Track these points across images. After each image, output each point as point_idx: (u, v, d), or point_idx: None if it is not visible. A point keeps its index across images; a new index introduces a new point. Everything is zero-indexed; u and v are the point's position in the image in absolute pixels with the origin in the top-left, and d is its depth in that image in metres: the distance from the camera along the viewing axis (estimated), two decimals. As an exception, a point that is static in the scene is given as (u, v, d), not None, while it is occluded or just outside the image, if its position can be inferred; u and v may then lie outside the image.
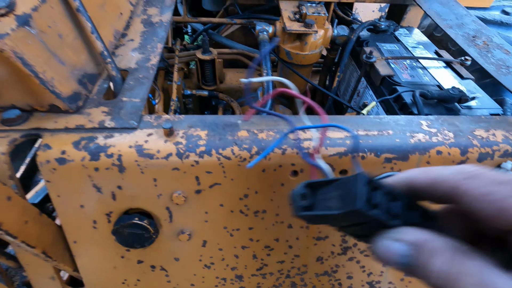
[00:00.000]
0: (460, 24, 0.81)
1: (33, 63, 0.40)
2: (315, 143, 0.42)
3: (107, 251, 0.49)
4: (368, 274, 0.59)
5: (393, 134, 0.47)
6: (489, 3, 1.19)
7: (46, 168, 0.40)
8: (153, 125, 0.45)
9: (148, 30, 0.67)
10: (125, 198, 0.44)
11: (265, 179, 0.45)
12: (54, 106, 0.44)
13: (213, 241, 0.50)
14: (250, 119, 0.47)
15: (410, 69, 0.85)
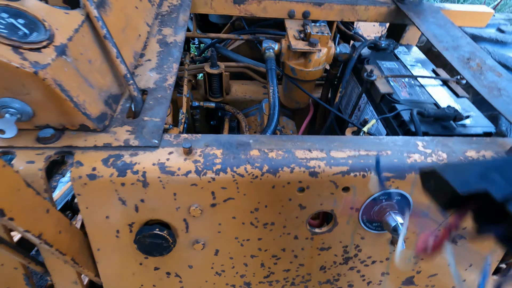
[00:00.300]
0: (456, 46, 0.86)
1: (69, 89, 0.44)
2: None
3: (127, 258, 0.53)
4: (368, 283, 0.63)
5: (391, 154, 0.51)
6: (484, 23, 1.24)
7: (78, 183, 0.45)
8: (173, 143, 0.49)
9: (163, 50, 0.72)
10: (146, 210, 0.48)
11: (274, 194, 0.49)
12: (84, 125, 0.48)
13: (224, 250, 0.55)
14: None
15: (408, 87, 0.90)
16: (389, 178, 0.49)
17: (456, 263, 0.27)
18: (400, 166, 0.50)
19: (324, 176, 0.48)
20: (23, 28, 0.42)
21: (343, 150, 0.51)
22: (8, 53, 0.39)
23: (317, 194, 0.50)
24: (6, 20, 0.41)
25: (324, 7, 1.03)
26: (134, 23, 0.69)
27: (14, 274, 0.53)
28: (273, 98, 0.83)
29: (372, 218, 0.53)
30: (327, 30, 0.96)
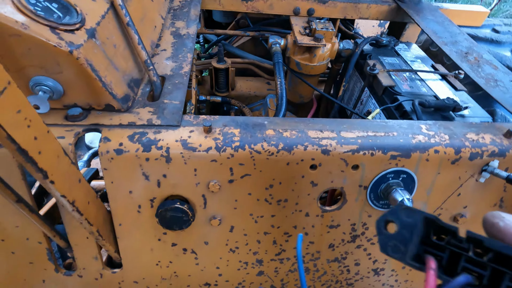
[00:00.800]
0: (454, 42, 0.90)
1: (98, 69, 0.47)
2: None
3: (146, 234, 0.56)
4: (374, 262, 0.66)
5: (397, 135, 0.55)
6: (480, 23, 1.30)
7: (105, 158, 0.47)
8: (193, 123, 0.52)
9: (177, 41, 0.75)
10: (168, 186, 0.51)
11: (288, 171, 0.52)
12: (109, 105, 0.51)
13: (239, 227, 0.57)
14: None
15: (409, 80, 0.94)
16: (396, 157, 0.53)
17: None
18: (406, 145, 0.53)
19: (335, 154, 0.51)
20: (57, 11, 0.45)
21: (352, 131, 0.54)
22: (47, 33, 0.42)
23: (328, 172, 0.53)
24: (42, 3, 0.44)
25: (328, 5, 1.07)
26: (150, 15, 0.73)
27: (38, 248, 0.55)
28: (281, 89, 0.87)
29: (379, 196, 0.56)
30: (331, 26, 1.00)
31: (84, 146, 1.23)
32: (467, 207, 0.61)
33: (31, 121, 0.33)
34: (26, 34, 0.40)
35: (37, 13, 0.42)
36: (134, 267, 0.60)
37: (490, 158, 0.55)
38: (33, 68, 0.44)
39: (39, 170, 0.34)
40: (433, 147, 0.54)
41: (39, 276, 0.59)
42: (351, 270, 0.67)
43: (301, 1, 1.06)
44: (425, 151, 0.53)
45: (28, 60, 0.43)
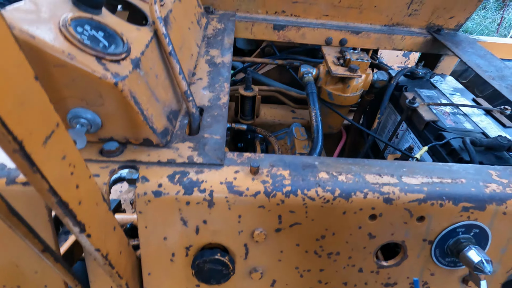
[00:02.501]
0: (502, 76, 0.85)
1: (140, 101, 0.43)
2: None
3: (178, 285, 0.49)
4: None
5: (467, 182, 0.48)
6: (518, 56, 1.25)
7: (142, 200, 0.42)
8: (237, 162, 0.47)
9: (213, 70, 0.72)
10: (207, 233, 0.45)
11: (344, 221, 0.45)
12: (147, 140, 0.47)
13: (282, 281, 0.50)
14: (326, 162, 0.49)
15: (451, 115, 0.88)
16: (468, 209, 0.46)
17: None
18: (479, 195, 0.46)
19: (399, 204, 0.45)
20: (103, 40, 0.42)
21: (415, 176, 0.48)
22: (93, 63, 0.38)
23: (389, 223, 0.46)
24: (89, 32, 0.41)
25: (362, 36, 1.05)
26: (188, 43, 0.70)
27: (56, 297, 0.49)
28: (316, 122, 0.82)
29: (446, 252, 0.49)
30: (366, 57, 0.97)
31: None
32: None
33: (75, 167, 0.28)
34: (72, 64, 0.37)
35: (83, 42, 0.39)
36: (160, 322, 0.53)
37: None
38: (73, 99, 0.40)
39: (76, 224, 0.29)
40: (511, 198, 0.47)
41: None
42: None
43: (334, 31, 1.04)
44: (503, 203, 0.46)
45: (70, 91, 0.40)
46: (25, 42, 0.35)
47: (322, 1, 1.01)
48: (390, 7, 1.02)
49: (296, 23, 1.03)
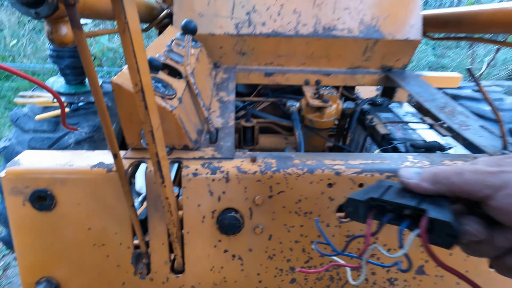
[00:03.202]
0: (433, 99, 1.16)
1: (183, 121, 0.73)
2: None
3: (206, 240, 0.74)
4: (387, 271, 0.79)
5: (390, 162, 0.75)
6: (456, 85, 1.58)
7: (186, 179, 0.69)
8: (242, 156, 0.75)
9: (222, 105, 1.03)
10: (225, 200, 0.71)
11: (311, 188, 0.72)
12: (186, 146, 0.76)
13: (276, 236, 0.75)
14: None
15: (402, 130, 1.18)
16: (390, 177, 0.72)
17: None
18: (396, 168, 0.73)
19: (345, 175, 0.72)
20: (162, 88, 0.74)
21: (357, 160, 0.75)
22: (160, 101, 0.69)
23: (341, 189, 0.72)
24: (154, 84, 0.73)
25: (332, 76, 1.39)
26: (205, 88, 1.03)
27: (126, 253, 0.73)
28: (299, 138, 1.11)
29: (382, 209, 0.74)
30: (335, 92, 1.29)
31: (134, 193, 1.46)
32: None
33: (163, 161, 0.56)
34: (150, 101, 0.67)
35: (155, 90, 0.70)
36: (194, 272, 0.76)
37: (463, 177, 0.73)
38: (147, 121, 0.70)
39: (161, 178, 0.57)
40: (417, 170, 0.73)
41: (121, 278, 0.75)
42: (369, 280, 0.79)
43: (310, 74, 1.39)
44: (411, 172, 0.73)
45: (146, 116, 0.69)
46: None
47: (300, 54, 1.37)
48: (350, 55, 1.37)
49: (282, 70, 1.38)
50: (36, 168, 0.68)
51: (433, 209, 0.35)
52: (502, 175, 0.33)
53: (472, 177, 0.35)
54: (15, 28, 5.42)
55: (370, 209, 0.41)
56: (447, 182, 0.37)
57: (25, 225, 0.70)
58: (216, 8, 1.28)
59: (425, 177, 0.39)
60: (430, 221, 0.35)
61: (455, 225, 0.33)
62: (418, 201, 0.37)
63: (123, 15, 0.37)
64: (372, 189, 0.43)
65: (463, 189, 0.36)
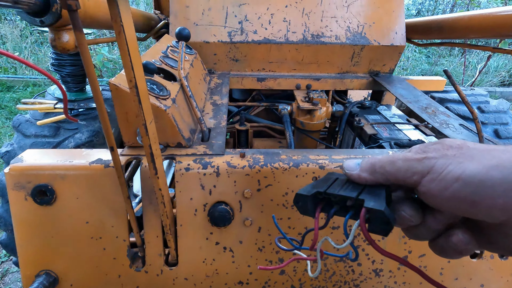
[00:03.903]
0: (417, 100, 1.21)
1: (176, 120, 0.78)
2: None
3: (198, 233, 0.77)
4: (372, 262, 0.82)
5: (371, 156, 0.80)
6: (442, 88, 1.64)
7: (178, 173, 0.74)
8: (232, 153, 0.80)
9: (215, 108, 1.09)
10: (216, 193, 0.76)
11: (297, 181, 0.76)
12: (179, 143, 0.80)
13: (264, 228, 0.78)
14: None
15: (389, 130, 1.23)
16: (370, 170, 0.77)
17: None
18: (377, 162, 0.78)
19: (328, 169, 0.76)
20: (156, 89, 0.79)
21: (339, 155, 0.80)
22: (155, 100, 0.74)
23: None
24: (150, 86, 0.78)
25: (321, 81, 1.45)
26: (199, 92, 1.08)
27: (122, 245, 0.77)
28: (290, 139, 1.16)
29: (365, 200, 0.78)
30: (324, 95, 1.35)
31: (132, 195, 1.49)
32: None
33: (157, 159, 0.61)
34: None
35: (150, 91, 0.75)
36: (187, 264, 0.79)
37: (440, 170, 0.78)
38: (142, 120, 0.75)
39: (154, 169, 0.61)
40: (396, 163, 0.78)
41: (117, 271, 0.78)
42: (355, 271, 0.83)
43: (301, 79, 1.45)
44: (391, 165, 0.77)
45: (141, 115, 0.74)
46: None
47: (290, 60, 1.44)
48: (339, 61, 1.44)
49: (273, 76, 1.45)
50: (38, 164, 0.73)
51: (370, 198, 0.36)
52: (426, 161, 0.35)
53: (402, 164, 0.36)
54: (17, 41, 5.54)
55: (318, 203, 0.42)
56: (383, 171, 0.38)
57: (26, 219, 0.74)
58: (210, 18, 1.36)
59: (364, 168, 0.40)
60: (367, 210, 0.35)
61: (387, 213, 0.34)
62: (359, 191, 0.39)
63: (119, 18, 0.42)
64: (320, 182, 0.44)
65: (396, 177, 0.37)
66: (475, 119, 0.89)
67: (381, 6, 1.38)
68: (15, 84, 4.90)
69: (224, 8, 1.35)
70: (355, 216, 0.38)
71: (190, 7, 1.35)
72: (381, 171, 0.38)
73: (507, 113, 1.64)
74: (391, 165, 0.37)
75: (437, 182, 0.33)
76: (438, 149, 0.35)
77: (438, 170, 0.33)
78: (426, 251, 0.82)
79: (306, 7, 1.37)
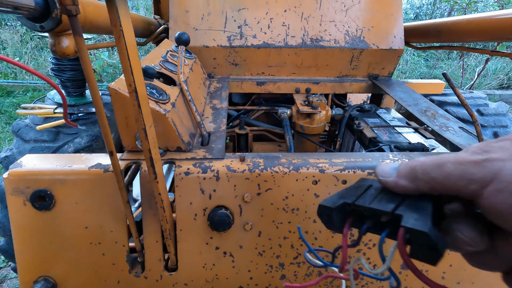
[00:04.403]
0: (416, 104, 1.21)
1: (176, 124, 0.78)
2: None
3: (198, 238, 0.77)
4: (374, 266, 0.82)
5: (371, 160, 0.80)
6: (441, 91, 1.65)
7: (178, 178, 0.74)
8: (232, 157, 0.80)
9: (215, 112, 1.09)
10: (216, 198, 0.75)
11: (297, 185, 0.76)
12: (179, 147, 0.80)
13: (265, 232, 0.78)
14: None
15: (388, 133, 1.23)
16: (371, 173, 0.77)
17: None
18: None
19: (328, 172, 0.76)
20: (156, 94, 0.79)
21: (340, 159, 0.80)
22: (155, 105, 0.74)
23: (325, 185, 0.76)
24: (149, 90, 0.78)
25: (321, 85, 1.46)
26: (198, 96, 1.09)
27: (121, 251, 0.76)
28: (289, 142, 1.15)
29: (365, 204, 0.78)
30: (323, 99, 1.35)
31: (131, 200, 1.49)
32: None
33: (157, 162, 0.61)
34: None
35: (149, 95, 0.75)
36: (186, 270, 0.78)
37: (440, 173, 0.78)
38: (142, 124, 0.75)
39: (154, 174, 0.61)
40: (396, 166, 0.78)
41: (116, 276, 0.78)
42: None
43: (300, 83, 1.45)
44: (391, 169, 0.77)
45: (141, 120, 0.74)
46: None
47: (290, 64, 1.44)
48: (338, 64, 1.44)
49: (273, 80, 1.45)
50: (37, 169, 0.72)
51: (411, 214, 0.29)
52: (488, 164, 0.26)
53: (453, 169, 0.27)
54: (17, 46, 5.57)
55: (346, 216, 0.35)
56: (427, 178, 0.29)
57: (25, 224, 0.73)
58: (209, 23, 1.36)
59: (402, 173, 0.32)
60: (407, 230, 0.28)
61: (434, 235, 0.26)
62: (396, 203, 0.31)
63: (118, 23, 0.42)
64: (349, 190, 0.37)
65: (446, 186, 0.28)
66: (475, 121, 0.89)
67: (379, 10, 1.39)
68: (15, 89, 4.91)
69: (224, 13, 1.36)
70: (393, 235, 0.30)
71: (189, 12, 1.36)
72: (424, 178, 0.30)
73: (506, 116, 1.65)
74: (437, 169, 0.29)
75: (506, 195, 0.24)
76: (506, 147, 0.26)
77: (506, 177, 0.25)
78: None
79: (305, 12, 1.38)
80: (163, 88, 0.83)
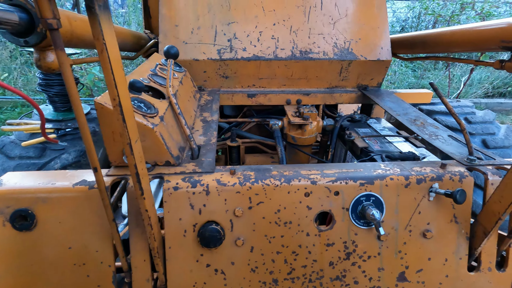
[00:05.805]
0: (406, 113, 1.23)
1: (164, 138, 0.76)
2: None
3: (188, 255, 0.74)
4: (369, 279, 0.80)
5: (363, 170, 0.79)
6: (429, 100, 1.67)
7: (167, 193, 0.71)
8: (222, 170, 0.78)
9: (205, 125, 1.08)
10: (206, 213, 0.73)
11: (289, 198, 0.74)
12: (168, 161, 0.78)
13: (257, 247, 0.76)
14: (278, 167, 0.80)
15: (380, 143, 1.23)
16: (364, 184, 0.76)
17: None
18: (369, 175, 0.77)
19: (320, 184, 0.75)
20: (144, 107, 0.78)
21: (331, 169, 0.79)
22: (142, 119, 0.72)
23: (318, 197, 0.75)
24: (137, 104, 0.77)
25: (311, 96, 1.46)
26: (188, 109, 1.08)
27: (107, 272, 0.73)
28: (281, 153, 1.14)
29: (359, 216, 0.77)
30: (314, 110, 1.36)
31: (120, 216, 1.44)
32: (430, 223, 0.79)
33: (143, 174, 0.59)
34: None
35: (137, 109, 0.74)
36: (176, 289, 0.75)
37: (432, 182, 0.77)
38: (129, 138, 0.73)
39: (140, 190, 0.59)
40: (388, 176, 0.77)
41: (102, 299, 0.74)
42: (353, 289, 0.80)
43: (291, 94, 1.46)
44: (384, 178, 0.76)
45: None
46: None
47: (280, 76, 1.45)
48: (327, 76, 1.46)
49: (264, 92, 1.45)
50: (18, 187, 0.69)
51: None
52: None
53: None
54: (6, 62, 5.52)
55: None
56: None
57: (4, 246, 0.70)
58: (199, 36, 1.37)
59: None
60: None
61: None
62: None
63: (101, 36, 0.42)
64: None
65: None
66: (463, 130, 0.90)
67: (366, 23, 1.43)
68: (3, 105, 4.83)
69: (213, 27, 1.37)
70: None
71: (179, 26, 1.36)
72: None
73: (493, 123, 1.68)
74: None
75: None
76: None
77: None
78: (424, 266, 0.80)
79: (294, 25, 1.40)
80: (152, 102, 0.81)
